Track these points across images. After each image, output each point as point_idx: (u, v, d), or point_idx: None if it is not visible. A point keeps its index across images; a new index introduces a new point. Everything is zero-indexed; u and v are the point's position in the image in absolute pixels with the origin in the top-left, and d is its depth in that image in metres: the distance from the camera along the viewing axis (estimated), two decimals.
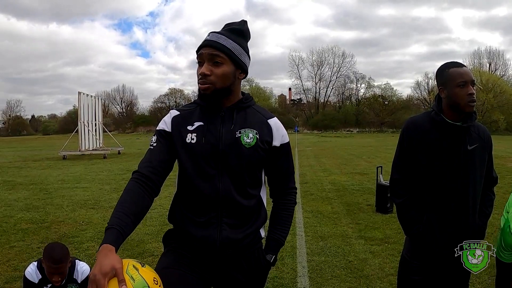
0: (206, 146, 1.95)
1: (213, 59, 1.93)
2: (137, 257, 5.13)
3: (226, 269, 2.02)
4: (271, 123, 2.08)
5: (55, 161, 20.15)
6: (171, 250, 2.06)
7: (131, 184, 1.87)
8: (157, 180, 1.93)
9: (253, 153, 1.98)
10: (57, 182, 12.38)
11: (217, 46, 1.93)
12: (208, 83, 1.92)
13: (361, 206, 8.48)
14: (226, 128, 1.98)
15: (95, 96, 26.75)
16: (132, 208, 1.77)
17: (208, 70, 1.92)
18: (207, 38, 1.97)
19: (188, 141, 1.97)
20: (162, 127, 2.04)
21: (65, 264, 3.17)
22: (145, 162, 1.95)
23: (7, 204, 8.91)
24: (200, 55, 1.96)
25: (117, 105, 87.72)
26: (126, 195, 1.82)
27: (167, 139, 2.01)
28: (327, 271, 4.75)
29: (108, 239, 1.63)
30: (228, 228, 1.98)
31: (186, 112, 2.06)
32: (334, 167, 16.05)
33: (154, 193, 1.91)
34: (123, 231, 1.67)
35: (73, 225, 7.01)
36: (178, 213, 2.06)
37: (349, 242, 5.87)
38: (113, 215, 1.72)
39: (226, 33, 1.98)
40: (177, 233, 2.08)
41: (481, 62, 70.52)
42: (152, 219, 6.89)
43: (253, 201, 2.05)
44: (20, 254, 5.37)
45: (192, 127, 2.00)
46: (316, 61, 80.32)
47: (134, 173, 1.92)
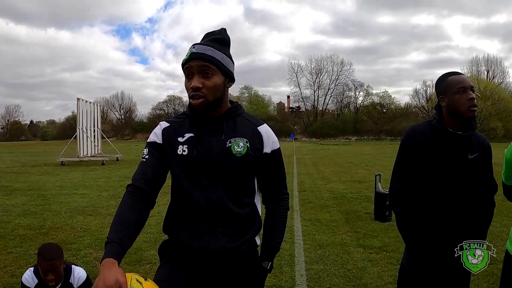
0: (197, 157, 1.96)
1: (204, 71, 1.93)
2: (135, 265, 5.13)
3: (222, 279, 2.01)
4: (261, 130, 2.09)
5: (53, 167, 20.09)
6: (167, 261, 2.05)
7: (127, 198, 1.88)
8: (152, 192, 1.94)
9: (244, 162, 1.99)
10: (55, 188, 12.34)
11: (206, 58, 1.93)
12: (201, 96, 1.92)
13: (359, 214, 8.47)
14: (216, 138, 2.00)
15: (94, 103, 26.73)
16: (130, 221, 1.79)
17: (199, 82, 1.92)
18: (194, 51, 1.96)
19: (179, 153, 1.98)
20: (153, 139, 2.05)
21: (59, 261, 3.19)
22: (139, 174, 1.96)
23: (5, 210, 8.88)
24: (189, 68, 1.96)
25: (116, 112, 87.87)
26: (123, 209, 1.83)
27: (158, 151, 2.01)
28: (325, 279, 4.73)
29: (109, 252, 1.63)
30: (223, 237, 1.98)
31: (176, 123, 2.07)
32: (333, 175, 16.03)
33: (150, 205, 1.93)
34: (123, 245, 1.69)
35: (71, 232, 6.98)
36: (173, 223, 2.06)
37: (347, 251, 5.86)
38: (112, 230, 1.73)
39: (211, 43, 1.98)
40: (172, 244, 2.07)
41: (479, 70, 70.91)
42: (150, 227, 6.86)
43: (247, 209, 2.06)
44: (18, 260, 5.35)
45: (182, 138, 2.01)
46: (315, 69, 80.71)
47: (129, 186, 1.93)
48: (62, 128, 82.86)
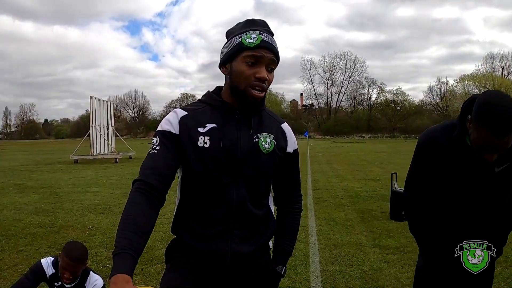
0: (222, 151, 1.76)
1: (270, 65, 1.77)
2: (146, 264, 5.04)
3: (235, 284, 1.86)
4: (285, 128, 1.96)
5: (66, 165, 20.22)
6: (175, 265, 1.87)
7: (136, 196, 1.64)
8: (164, 190, 1.71)
9: (270, 160, 1.84)
10: (67, 186, 12.36)
11: (275, 52, 1.78)
12: (264, 89, 1.77)
13: (375, 213, 8.31)
14: (243, 132, 1.81)
15: (107, 101, 26.85)
16: (141, 226, 1.56)
17: (267, 75, 1.76)
18: (264, 39, 1.75)
19: (200, 145, 1.76)
20: (167, 128, 1.80)
21: (81, 265, 3.16)
22: (148, 168, 1.71)
23: (17, 208, 8.87)
24: (256, 56, 1.73)
25: (129, 110, 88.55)
26: (132, 210, 1.60)
27: (173, 142, 1.77)
28: (341, 281, 4.59)
29: (123, 267, 1.43)
30: (239, 241, 1.82)
31: (195, 112, 1.84)
32: (347, 173, 15.87)
33: (160, 204, 1.70)
34: (135, 255, 1.48)
35: (82, 230, 6.92)
36: (183, 224, 1.87)
37: (363, 251, 5.71)
38: (121, 235, 1.51)
39: (271, 35, 1.81)
40: (181, 246, 1.89)
41: (494, 66, 69.88)
42: (162, 225, 6.77)
43: (264, 210, 1.91)
44: (28, 259, 5.28)
45: (204, 129, 1.78)
46: (328, 65, 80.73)
47: (137, 182, 1.69)
48: (76, 126, 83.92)
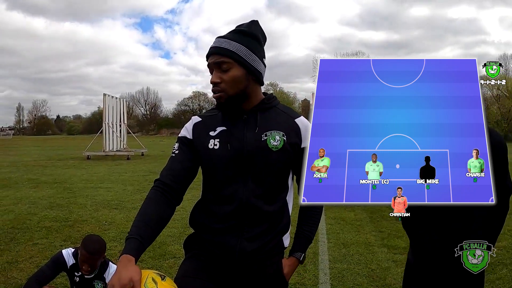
0: (230, 151, 1.89)
1: (220, 66, 1.88)
2: (159, 259, 5.16)
3: (244, 280, 1.94)
4: (299, 122, 2.00)
5: (79, 161, 20.41)
6: (192, 256, 2.01)
7: (152, 193, 1.87)
8: (179, 189, 1.91)
9: (281, 156, 1.91)
10: (81, 182, 12.51)
11: (220, 52, 1.88)
12: (219, 91, 1.88)
13: (384, 213, 8.34)
14: (250, 131, 1.91)
15: (120, 98, 27.02)
16: (153, 218, 1.78)
17: (218, 78, 1.87)
18: (211, 46, 1.93)
19: (211, 147, 1.92)
20: (183, 134, 2.01)
21: (98, 257, 3.30)
22: (167, 170, 1.93)
23: (31, 202, 9.03)
24: (209, 66, 1.92)
25: (141, 107, 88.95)
26: (147, 204, 1.82)
27: (188, 146, 1.97)
28: (349, 278, 4.68)
29: (128, 249, 1.64)
30: (248, 237, 1.91)
31: (207, 118, 2.02)
32: None
33: (175, 201, 1.90)
34: (143, 242, 1.69)
35: (96, 225, 7.06)
36: (198, 218, 2.02)
37: (371, 250, 5.78)
38: (134, 225, 1.73)
39: (230, 35, 1.92)
40: (198, 238, 2.02)
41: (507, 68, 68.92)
42: (174, 221, 6.87)
43: (277, 205, 1.97)
44: (43, 251, 5.43)
45: (214, 132, 1.95)
46: None
47: (156, 182, 1.90)
48: (88, 123, 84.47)
